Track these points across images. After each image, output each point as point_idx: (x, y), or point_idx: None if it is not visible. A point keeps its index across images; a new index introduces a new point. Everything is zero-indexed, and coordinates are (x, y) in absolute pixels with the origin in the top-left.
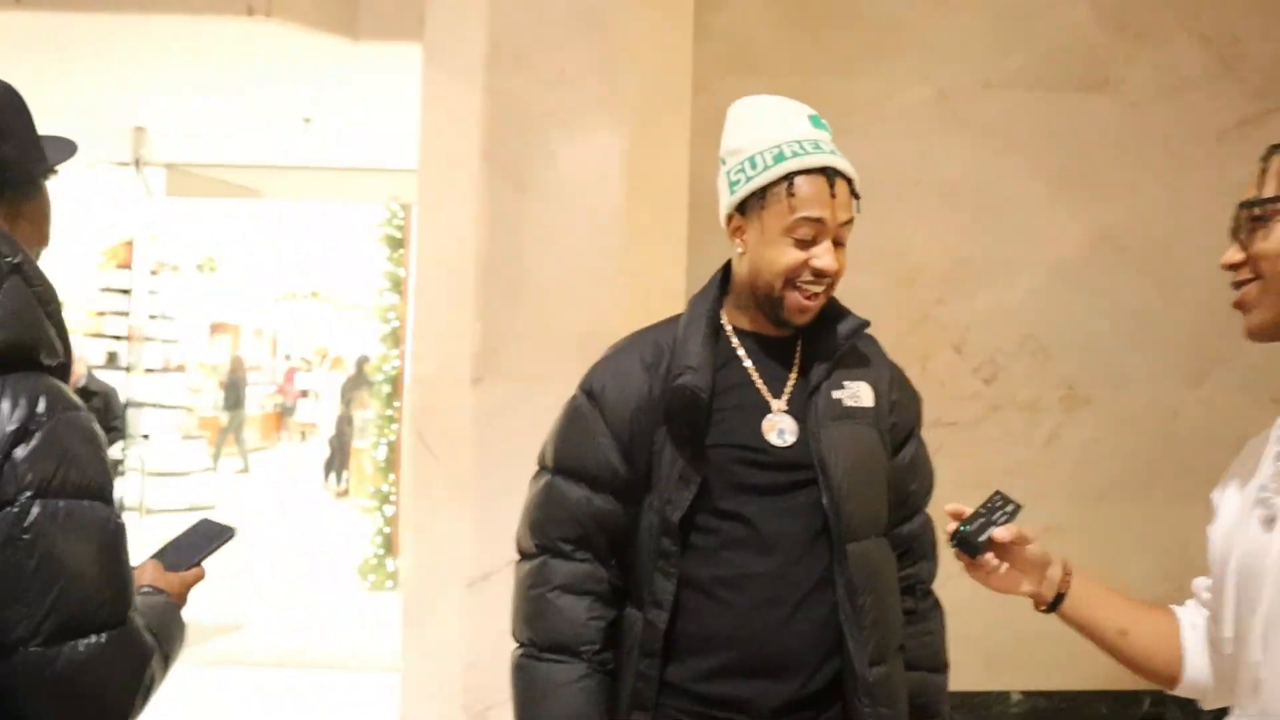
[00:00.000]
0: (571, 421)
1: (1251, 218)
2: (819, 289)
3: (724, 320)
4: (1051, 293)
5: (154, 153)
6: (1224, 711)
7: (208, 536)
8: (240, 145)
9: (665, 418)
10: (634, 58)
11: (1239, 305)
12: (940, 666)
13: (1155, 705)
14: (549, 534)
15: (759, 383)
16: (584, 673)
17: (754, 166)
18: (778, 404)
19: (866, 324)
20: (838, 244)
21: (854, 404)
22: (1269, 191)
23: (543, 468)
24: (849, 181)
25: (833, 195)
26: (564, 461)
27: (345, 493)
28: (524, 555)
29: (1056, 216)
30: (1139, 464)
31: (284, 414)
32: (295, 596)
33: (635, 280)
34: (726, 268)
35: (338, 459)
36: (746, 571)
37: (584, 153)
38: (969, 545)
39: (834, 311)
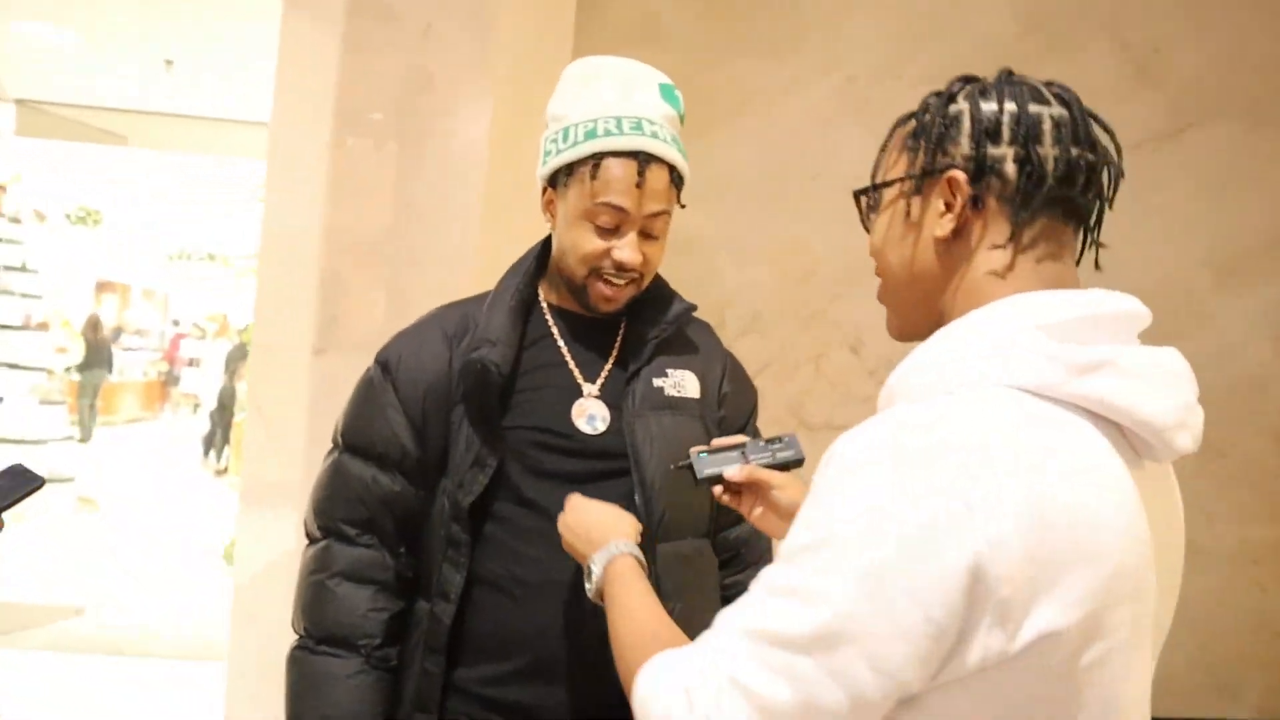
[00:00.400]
0: (362, 395)
1: (868, 206)
2: (622, 281)
3: (540, 296)
4: None
5: (2, 88)
6: None
7: (12, 484)
8: (100, 86)
9: (461, 395)
10: (511, 19)
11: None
12: None
13: None
14: (333, 516)
15: (571, 364)
16: (359, 668)
17: (565, 139)
18: (590, 388)
19: (692, 308)
20: (647, 236)
21: (676, 393)
22: (884, 173)
23: (334, 444)
24: (671, 169)
25: (640, 183)
26: (352, 438)
27: (224, 471)
28: (309, 538)
29: None
30: None
31: (168, 383)
32: (149, 580)
33: (495, 253)
34: (548, 241)
35: (218, 434)
36: (543, 566)
37: (449, 115)
38: (691, 472)
39: (660, 294)
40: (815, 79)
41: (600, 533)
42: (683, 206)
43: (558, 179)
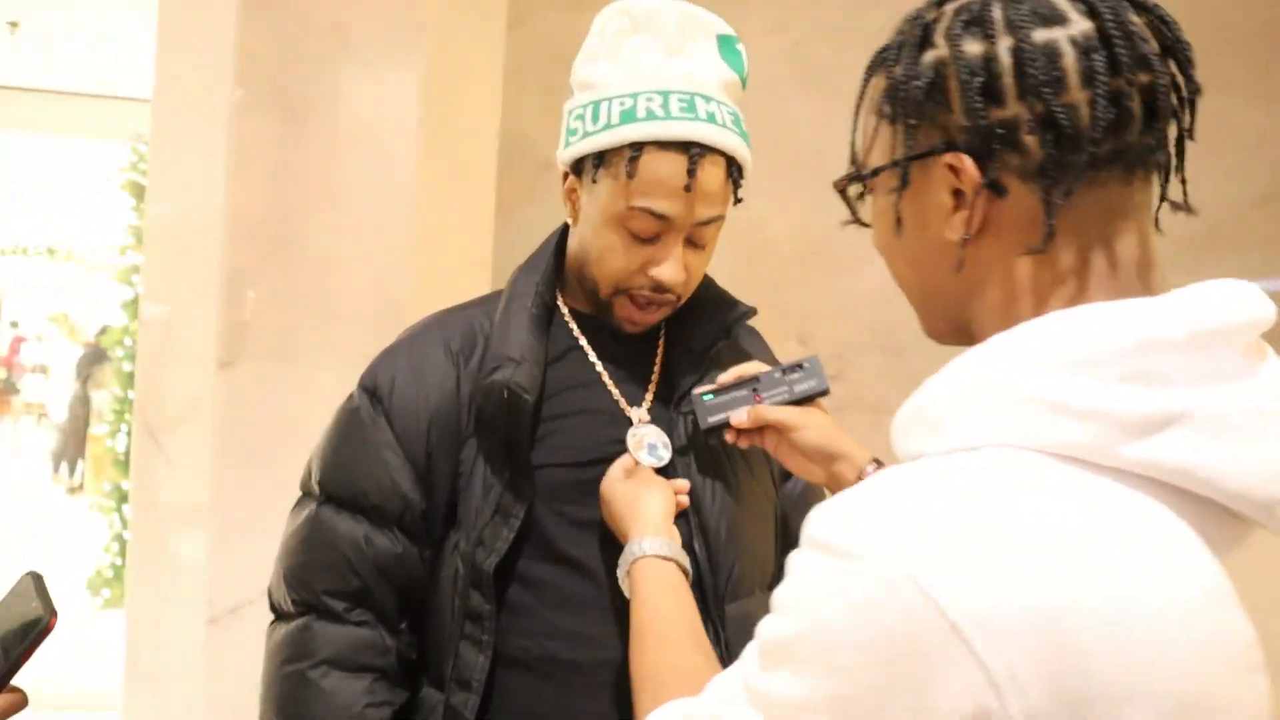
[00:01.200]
0: (346, 431)
1: (857, 192)
2: (658, 302)
3: (560, 302)
4: None
5: None
6: None
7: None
8: None
9: (476, 427)
10: None
11: None
12: None
13: None
14: (313, 587)
15: (609, 383)
16: None
17: (595, 119)
18: (639, 411)
19: (752, 312)
20: (693, 245)
21: None
22: (863, 150)
23: (306, 493)
24: (729, 161)
25: (690, 184)
26: (335, 486)
27: (79, 488)
28: (279, 614)
29: None
30: None
31: (7, 391)
32: None
33: (431, 245)
34: (564, 233)
35: (70, 447)
36: (587, 642)
37: (371, 83)
38: (697, 421)
39: (711, 297)
40: (758, 39)
41: (624, 526)
42: (739, 203)
43: (584, 166)
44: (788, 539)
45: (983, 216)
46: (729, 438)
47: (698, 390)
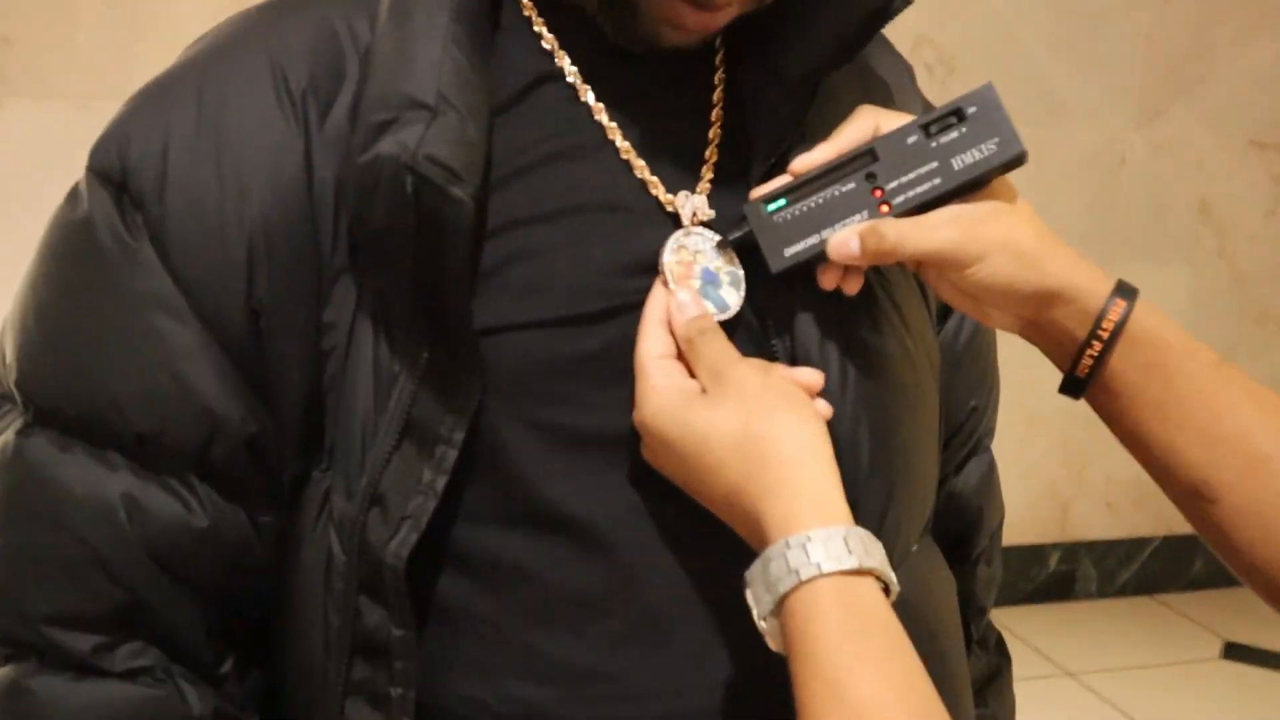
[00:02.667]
0: (72, 273)
1: None
2: None
3: None
4: None
5: None
6: None
7: None
8: None
9: (354, 254)
10: None
11: None
12: None
13: (1064, 563)
14: (23, 608)
15: (624, 147)
16: None
17: None
18: (691, 201)
19: (900, 2)
20: None
21: None
22: None
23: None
24: None
25: None
26: (54, 394)
27: None
28: None
29: None
30: (1080, 222)
31: None
32: None
33: None
34: None
35: None
36: (606, 684)
37: None
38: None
39: None
40: None
41: (739, 499)
42: None
43: None
44: (945, 424)
45: None
46: (826, 282)
47: (759, 191)
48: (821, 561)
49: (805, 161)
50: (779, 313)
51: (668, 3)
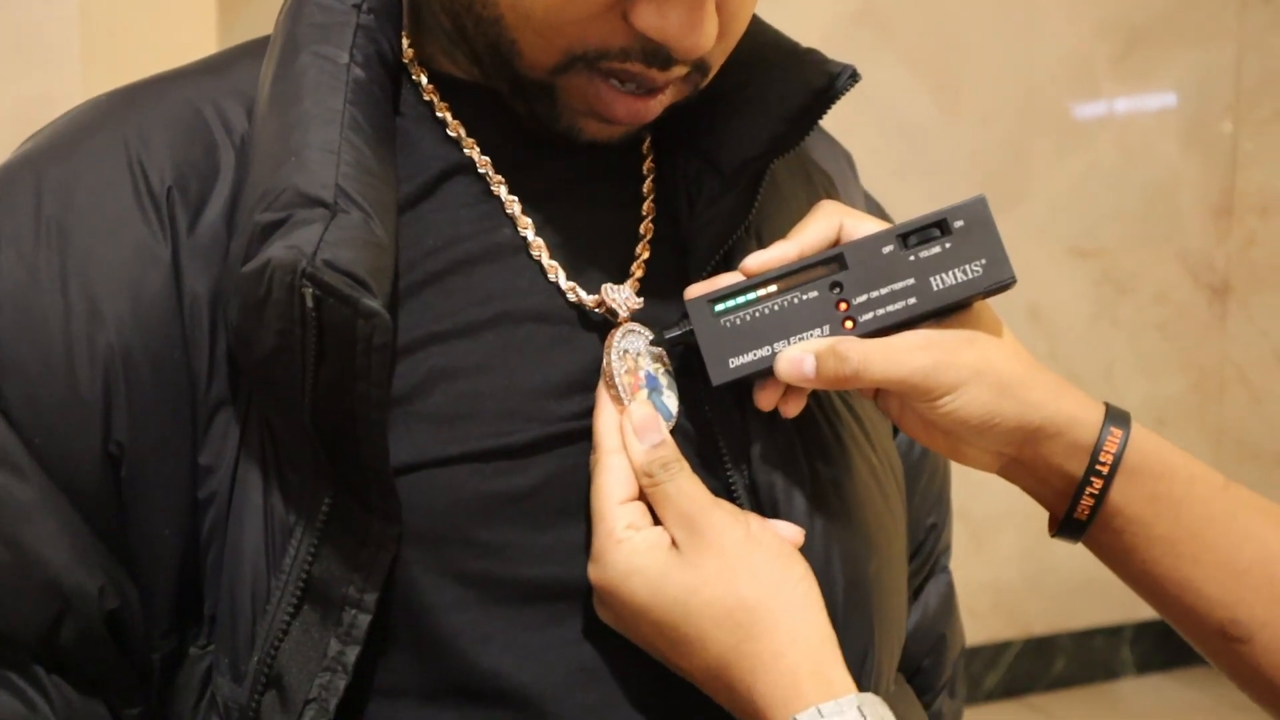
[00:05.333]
0: None
1: None
2: (659, 82)
3: (411, 62)
4: None
5: None
6: None
7: None
8: None
9: (233, 379)
10: None
11: None
12: None
13: None
14: None
15: (539, 248)
16: None
17: None
18: (618, 294)
19: (850, 76)
20: None
21: None
22: None
23: None
24: None
25: None
26: None
27: None
28: None
29: None
30: None
31: None
32: None
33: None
34: None
35: None
36: None
37: None
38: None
39: (758, 43)
40: None
41: (729, 673)
42: None
43: None
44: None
45: None
46: (763, 402)
47: (698, 290)
48: None
49: (761, 260)
50: (730, 433)
51: (593, 91)
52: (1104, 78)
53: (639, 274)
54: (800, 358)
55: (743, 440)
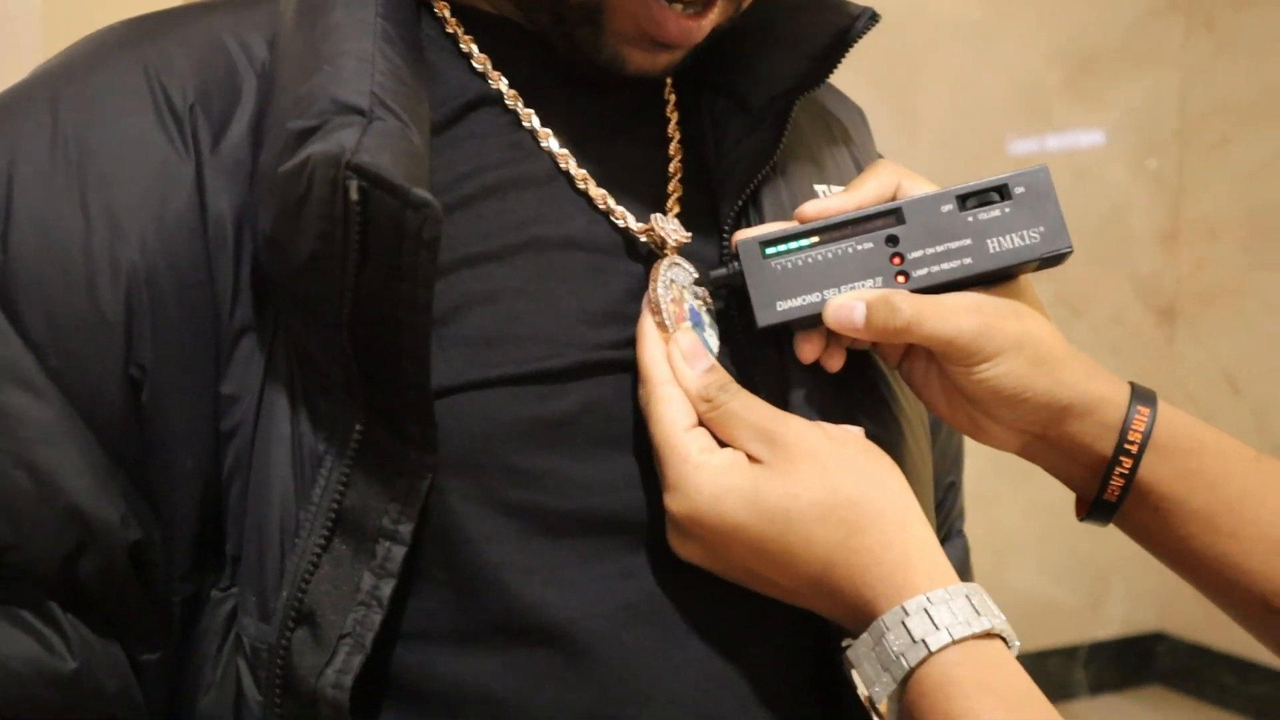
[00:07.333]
0: None
1: None
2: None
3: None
4: None
5: None
6: None
7: None
8: None
9: (258, 297)
10: None
11: None
12: None
13: None
14: None
15: (583, 176)
16: None
17: None
18: (665, 225)
19: (865, 20)
20: None
21: None
22: None
23: None
24: None
25: None
26: None
27: None
28: None
29: None
30: None
31: None
32: None
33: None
34: None
35: None
36: None
37: None
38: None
39: None
40: None
41: (830, 576)
42: None
43: None
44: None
45: None
46: (805, 354)
47: (749, 233)
48: (950, 626)
49: (818, 207)
50: (769, 378)
51: (643, 9)
52: (1056, 104)
53: (675, 211)
54: (851, 305)
55: (782, 385)
